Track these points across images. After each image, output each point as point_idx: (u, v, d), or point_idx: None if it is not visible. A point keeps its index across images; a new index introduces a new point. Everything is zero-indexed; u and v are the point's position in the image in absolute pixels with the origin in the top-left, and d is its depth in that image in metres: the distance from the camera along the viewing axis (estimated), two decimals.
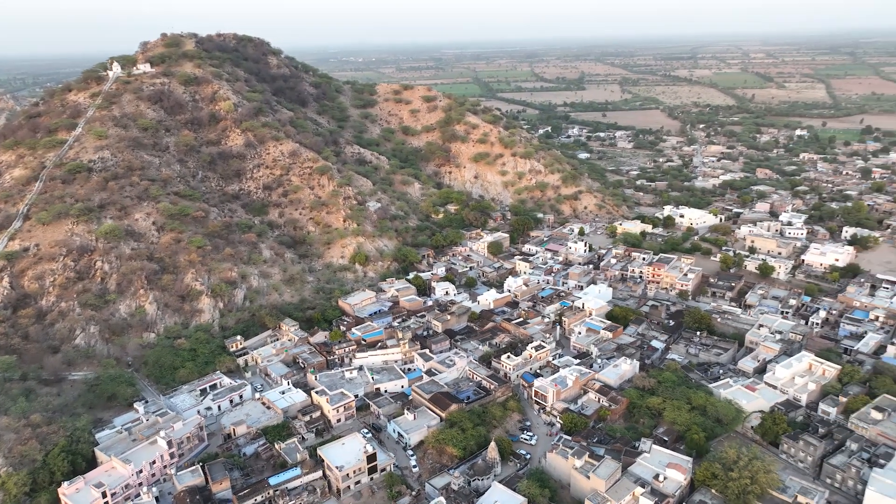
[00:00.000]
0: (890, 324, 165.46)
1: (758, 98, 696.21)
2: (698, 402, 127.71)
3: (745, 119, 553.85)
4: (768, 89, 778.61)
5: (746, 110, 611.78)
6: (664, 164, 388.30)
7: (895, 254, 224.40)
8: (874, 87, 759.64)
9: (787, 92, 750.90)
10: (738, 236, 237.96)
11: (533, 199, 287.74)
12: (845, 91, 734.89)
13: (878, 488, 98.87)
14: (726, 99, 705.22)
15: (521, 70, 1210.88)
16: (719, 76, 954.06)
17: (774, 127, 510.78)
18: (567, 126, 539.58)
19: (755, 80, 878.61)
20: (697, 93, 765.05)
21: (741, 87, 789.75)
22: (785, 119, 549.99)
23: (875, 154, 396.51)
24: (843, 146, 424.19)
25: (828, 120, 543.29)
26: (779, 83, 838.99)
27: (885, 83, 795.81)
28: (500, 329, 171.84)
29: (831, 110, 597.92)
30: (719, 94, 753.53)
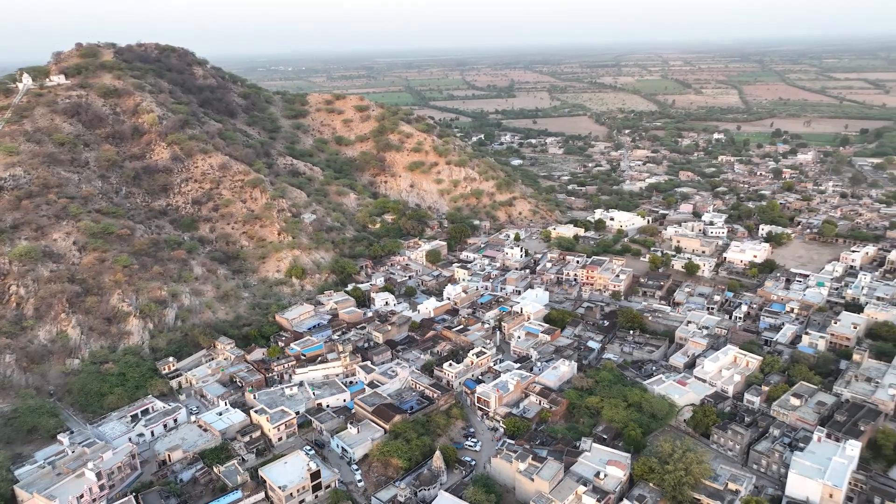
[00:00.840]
0: (803, 315, 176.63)
1: (678, 104, 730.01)
2: (634, 399, 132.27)
3: (668, 124, 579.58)
4: (687, 95, 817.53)
5: (668, 115, 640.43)
6: (593, 168, 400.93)
7: (806, 249, 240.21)
8: (780, 92, 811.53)
9: (704, 97, 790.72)
10: (665, 237, 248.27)
11: (469, 206, 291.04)
12: (756, 96, 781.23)
13: (799, 470, 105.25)
14: (649, 105, 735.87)
15: (453, 78, 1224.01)
16: (642, 83, 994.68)
17: (694, 131, 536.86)
18: (499, 133, 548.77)
19: (675, 87, 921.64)
20: (622, 99, 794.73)
21: (662, 94, 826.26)
22: (703, 123, 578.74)
23: (784, 155, 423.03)
24: (756, 148, 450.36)
25: (742, 124, 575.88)
26: (696, 89, 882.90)
27: (790, 89, 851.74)
28: (442, 337, 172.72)
29: (745, 115, 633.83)
30: (642, 100, 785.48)
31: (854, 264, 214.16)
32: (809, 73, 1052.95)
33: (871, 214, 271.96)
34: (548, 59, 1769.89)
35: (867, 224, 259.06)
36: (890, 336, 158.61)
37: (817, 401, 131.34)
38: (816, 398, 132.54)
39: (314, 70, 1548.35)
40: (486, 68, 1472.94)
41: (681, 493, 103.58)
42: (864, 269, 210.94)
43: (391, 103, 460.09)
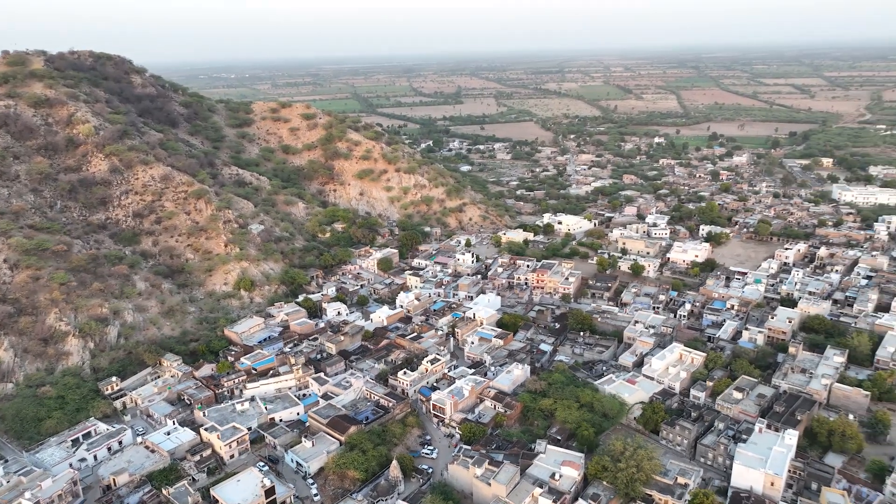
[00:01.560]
0: (743, 311, 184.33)
1: (620, 109, 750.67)
2: (586, 400, 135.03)
3: (611, 129, 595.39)
4: (628, 101, 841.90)
5: (611, 120, 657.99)
6: (541, 173, 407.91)
7: (743, 247, 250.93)
8: (716, 97, 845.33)
9: (644, 103, 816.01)
10: (611, 239, 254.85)
11: (419, 213, 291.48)
12: (693, 101, 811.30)
13: (743, 461, 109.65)
14: (592, 110, 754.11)
15: (400, 85, 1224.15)
16: (585, 89, 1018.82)
17: (636, 135, 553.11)
18: (448, 140, 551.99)
19: (617, 93, 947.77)
20: (567, 105, 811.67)
21: (605, 99, 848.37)
22: (644, 128, 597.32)
23: (721, 158, 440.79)
24: (694, 151, 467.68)
25: (681, 128, 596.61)
26: (637, 95, 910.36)
27: (724, 94, 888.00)
28: (395, 345, 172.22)
29: (683, 119, 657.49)
30: (586, 105, 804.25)
31: (788, 261, 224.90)
32: (742, 79, 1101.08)
33: (801, 213, 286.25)
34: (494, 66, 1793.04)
35: (798, 222, 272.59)
36: (821, 329, 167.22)
37: (758, 393, 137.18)
38: (757, 391, 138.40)
39: (258, 77, 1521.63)
40: (433, 75, 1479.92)
41: (633, 490, 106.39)
42: (797, 265, 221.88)
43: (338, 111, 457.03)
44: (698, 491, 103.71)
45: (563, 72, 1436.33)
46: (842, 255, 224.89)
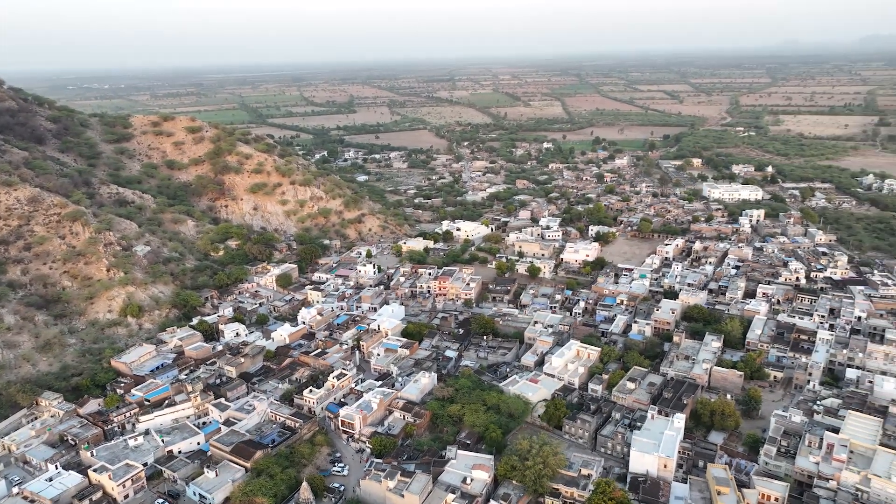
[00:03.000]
0: (631, 305, 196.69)
1: (510, 116, 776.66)
2: (492, 402, 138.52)
3: (502, 135, 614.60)
4: (517, 107, 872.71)
5: (502, 127, 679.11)
6: (437, 181, 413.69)
7: (629, 245, 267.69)
8: (597, 103, 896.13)
9: (532, 109, 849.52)
10: (508, 243, 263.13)
11: (317, 226, 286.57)
12: (576, 107, 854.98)
13: (638, 447, 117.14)
14: (484, 117, 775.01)
15: (290, 94, 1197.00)
16: (475, 96, 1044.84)
17: (526, 141, 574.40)
18: (343, 149, 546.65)
19: (506, 100, 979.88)
20: (459, 112, 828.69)
21: (495, 106, 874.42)
22: (534, 134, 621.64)
23: (605, 161, 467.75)
24: (580, 155, 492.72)
25: (567, 133, 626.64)
26: (525, 102, 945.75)
27: (604, 100, 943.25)
28: (299, 363, 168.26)
29: (568, 124, 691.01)
30: (477, 112, 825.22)
31: (668, 256, 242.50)
32: (619, 86, 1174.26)
33: (677, 211, 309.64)
34: (385, 74, 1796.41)
35: (675, 219, 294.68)
36: (700, 317, 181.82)
37: (648, 382, 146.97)
38: (648, 379, 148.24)
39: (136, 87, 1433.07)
40: (324, 84, 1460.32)
41: (541, 486, 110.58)
42: (676, 259, 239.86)
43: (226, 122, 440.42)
44: (600, 480, 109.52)
45: (453, 80, 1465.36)
46: (714, 248, 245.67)
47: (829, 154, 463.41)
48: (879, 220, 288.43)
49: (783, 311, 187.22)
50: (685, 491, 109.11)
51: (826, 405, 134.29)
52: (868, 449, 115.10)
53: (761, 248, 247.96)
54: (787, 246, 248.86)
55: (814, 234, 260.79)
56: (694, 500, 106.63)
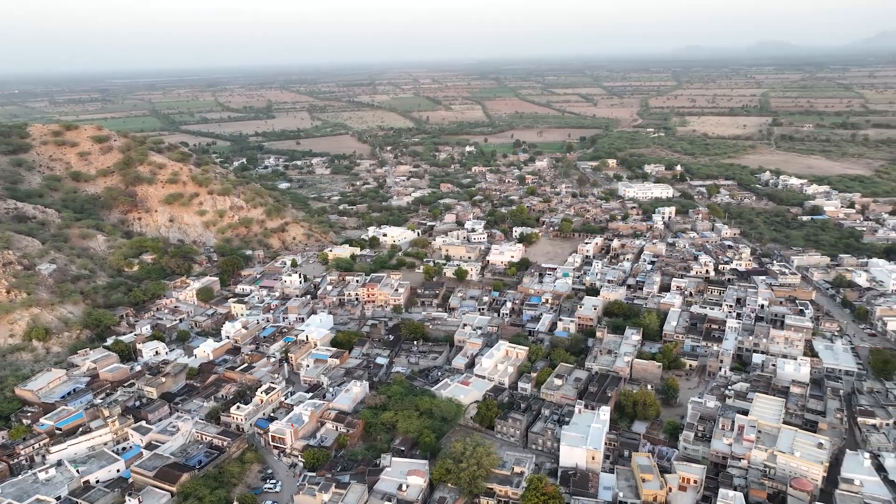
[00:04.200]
0: (556, 304, 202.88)
1: (431, 120, 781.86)
2: (425, 407, 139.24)
3: (425, 139, 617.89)
4: (438, 111, 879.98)
5: (424, 131, 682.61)
6: (362, 186, 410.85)
7: (551, 245, 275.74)
8: (516, 106, 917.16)
9: (453, 113, 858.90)
10: (435, 247, 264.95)
11: (239, 236, 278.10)
12: (496, 111, 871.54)
13: (567, 442, 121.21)
14: (406, 121, 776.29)
15: (205, 100, 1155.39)
16: (397, 101, 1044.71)
17: (448, 145, 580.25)
18: (263, 156, 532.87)
19: (427, 104, 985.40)
20: (381, 117, 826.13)
21: (417, 111, 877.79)
22: (456, 137, 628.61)
23: (525, 163, 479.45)
24: (502, 158, 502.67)
25: (488, 136, 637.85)
26: (446, 106, 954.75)
27: (523, 103, 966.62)
28: (225, 380, 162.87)
29: (489, 128, 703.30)
30: (399, 117, 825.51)
31: (588, 254, 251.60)
32: (536, 89, 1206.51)
33: (595, 210, 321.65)
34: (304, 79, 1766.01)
35: (594, 218, 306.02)
36: (620, 312, 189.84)
37: (575, 377, 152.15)
38: (574, 375, 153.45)
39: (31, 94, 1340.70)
40: (240, 88, 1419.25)
41: (476, 487, 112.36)
42: (596, 257, 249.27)
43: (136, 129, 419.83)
44: (533, 476, 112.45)
45: (374, 84, 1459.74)
46: (630, 245, 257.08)
47: (731, 152, 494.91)
48: (776, 214, 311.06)
49: (695, 302, 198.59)
50: (612, 481, 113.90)
51: (736, 390, 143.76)
52: (773, 428, 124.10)
53: (674, 243, 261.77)
54: (696, 241, 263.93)
55: (720, 229, 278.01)
56: (621, 488, 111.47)
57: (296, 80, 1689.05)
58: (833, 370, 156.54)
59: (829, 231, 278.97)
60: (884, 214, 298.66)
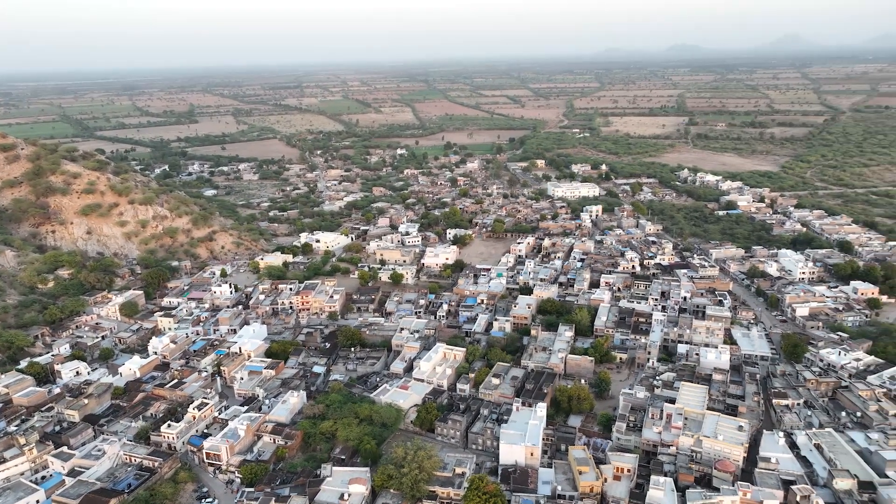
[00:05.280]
0: (491, 304, 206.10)
1: (361, 122, 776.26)
2: (364, 414, 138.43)
3: (355, 142, 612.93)
4: (368, 114, 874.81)
5: (354, 134, 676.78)
6: (292, 192, 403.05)
7: (485, 246, 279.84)
8: (445, 108, 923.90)
9: (383, 116, 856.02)
10: (369, 252, 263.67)
11: (164, 247, 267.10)
12: (426, 113, 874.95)
13: (506, 440, 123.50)
14: (335, 125, 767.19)
15: (121, 104, 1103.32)
16: (325, 104, 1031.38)
17: (380, 148, 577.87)
18: (186, 163, 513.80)
19: (357, 107, 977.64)
20: (309, 120, 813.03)
21: (346, 114, 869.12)
22: (387, 140, 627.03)
23: (457, 165, 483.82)
24: (433, 160, 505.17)
25: (419, 139, 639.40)
26: (376, 108, 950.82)
27: (452, 105, 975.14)
28: (154, 397, 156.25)
29: (420, 130, 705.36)
30: (328, 120, 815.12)
31: (521, 254, 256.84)
32: (465, 91, 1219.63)
33: (526, 210, 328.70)
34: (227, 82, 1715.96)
35: (525, 218, 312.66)
36: (553, 309, 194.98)
37: (512, 376, 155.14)
38: (511, 374, 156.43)
39: None
40: (160, 92, 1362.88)
41: (419, 491, 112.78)
42: (528, 256, 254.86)
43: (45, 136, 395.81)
44: (474, 476, 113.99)
45: (301, 87, 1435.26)
46: (561, 244, 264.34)
47: (652, 151, 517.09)
48: (695, 210, 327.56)
49: (623, 297, 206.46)
50: (551, 475, 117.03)
51: (663, 379, 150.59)
52: (698, 414, 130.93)
53: (601, 240, 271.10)
54: (622, 237, 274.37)
55: (644, 226, 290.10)
56: (559, 482, 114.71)
57: (219, 83, 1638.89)
58: (750, 356, 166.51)
59: (742, 224, 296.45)
60: (790, 208, 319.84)
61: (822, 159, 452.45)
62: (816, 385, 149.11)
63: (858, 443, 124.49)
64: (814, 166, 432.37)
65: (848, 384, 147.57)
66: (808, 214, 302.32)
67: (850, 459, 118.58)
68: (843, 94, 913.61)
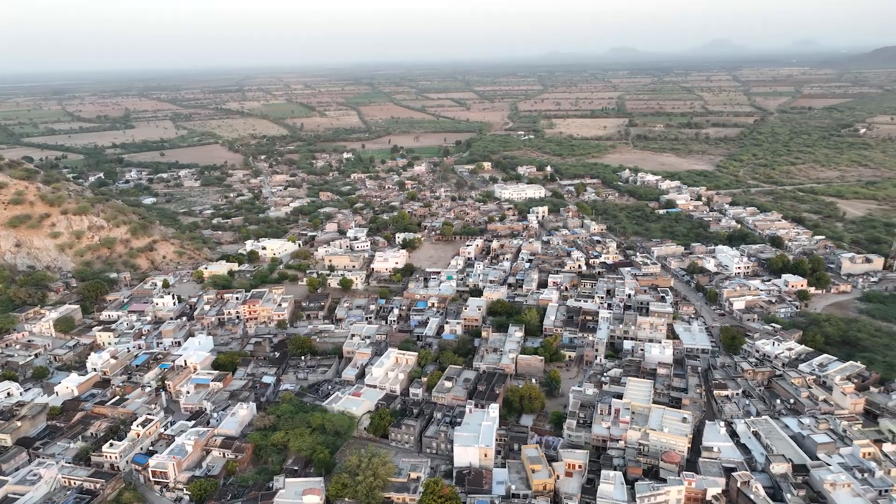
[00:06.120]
0: (442, 307, 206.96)
1: (306, 126, 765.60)
2: (317, 423, 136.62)
3: (301, 147, 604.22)
4: (313, 118, 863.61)
5: (299, 139, 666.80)
6: (236, 198, 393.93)
7: (434, 249, 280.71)
8: (391, 111, 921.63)
9: (329, 119, 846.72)
10: (318, 258, 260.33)
11: (101, 258, 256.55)
12: (372, 116, 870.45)
13: (460, 442, 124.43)
14: (280, 129, 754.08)
15: (50, 109, 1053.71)
16: (269, 107, 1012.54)
17: (326, 152, 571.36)
18: (123, 170, 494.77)
19: (301, 110, 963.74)
20: (252, 125, 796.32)
21: (290, 117, 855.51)
22: (333, 144, 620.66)
23: (404, 168, 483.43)
24: (380, 164, 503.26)
25: (365, 142, 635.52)
26: (321, 112, 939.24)
27: (398, 108, 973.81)
28: (94, 416, 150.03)
29: (366, 134, 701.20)
30: (272, 124, 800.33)
31: (470, 256, 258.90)
32: (411, 94, 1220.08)
33: (474, 212, 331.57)
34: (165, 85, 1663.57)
35: (473, 221, 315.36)
36: (503, 310, 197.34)
37: (464, 378, 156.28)
38: (463, 376, 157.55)
39: None
40: (92, 96, 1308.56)
41: (374, 498, 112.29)
42: (478, 258, 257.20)
43: None
44: (429, 480, 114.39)
45: (243, 90, 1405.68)
46: (509, 245, 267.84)
47: (595, 152, 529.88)
48: (637, 209, 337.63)
49: (570, 296, 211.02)
50: (505, 475, 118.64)
51: (611, 375, 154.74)
52: (645, 408, 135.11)
53: (548, 241, 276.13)
54: (568, 238, 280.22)
55: (589, 225, 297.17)
56: (513, 481, 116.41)
57: (156, 87, 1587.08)
58: (692, 349, 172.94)
59: (681, 222, 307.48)
60: (725, 205, 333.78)
61: (753, 158, 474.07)
62: (753, 375, 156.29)
63: (792, 428, 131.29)
64: (746, 165, 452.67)
65: (781, 373, 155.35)
66: (742, 211, 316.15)
67: (784, 444, 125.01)
68: (770, 96, 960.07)
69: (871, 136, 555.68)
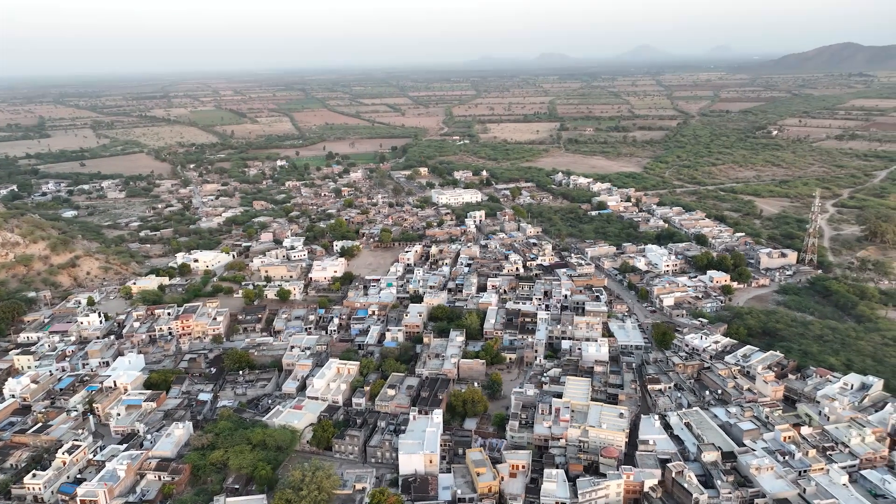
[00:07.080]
0: (382, 315, 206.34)
1: (237, 134, 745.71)
2: (257, 439, 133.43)
3: (232, 155, 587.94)
4: (244, 125, 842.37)
5: (230, 146, 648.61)
6: (164, 209, 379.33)
7: (373, 256, 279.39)
8: (325, 118, 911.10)
9: (261, 126, 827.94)
10: (253, 269, 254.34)
11: (17, 277, 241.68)
12: (306, 123, 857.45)
13: (405, 450, 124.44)
14: (209, 137, 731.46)
15: None
16: (196, 114, 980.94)
17: (258, 160, 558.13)
18: (39, 182, 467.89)
19: (231, 117, 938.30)
20: (179, 132, 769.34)
21: (220, 125, 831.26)
22: (265, 151, 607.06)
23: (340, 175, 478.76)
24: (316, 171, 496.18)
25: (299, 149, 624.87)
26: (252, 118, 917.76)
27: (332, 114, 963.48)
28: (13, 445, 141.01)
29: (300, 140, 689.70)
30: (201, 132, 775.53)
31: (410, 262, 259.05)
32: (345, 100, 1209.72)
33: (412, 218, 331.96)
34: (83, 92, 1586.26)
35: (412, 227, 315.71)
36: (444, 316, 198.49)
37: (407, 385, 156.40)
38: (406, 383, 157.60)
39: None
40: (2, 104, 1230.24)
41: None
42: (417, 264, 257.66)
43: None
44: (374, 491, 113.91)
45: (168, 97, 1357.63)
46: (448, 250, 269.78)
47: (528, 156, 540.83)
48: (570, 211, 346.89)
49: (509, 298, 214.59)
50: (450, 480, 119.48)
51: (550, 375, 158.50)
52: (584, 406, 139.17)
53: (486, 245, 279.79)
54: (505, 241, 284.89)
55: (525, 228, 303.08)
56: (458, 486, 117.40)
57: (73, 94, 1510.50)
58: (626, 346, 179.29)
59: (613, 223, 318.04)
60: (653, 206, 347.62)
61: (677, 160, 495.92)
62: (684, 368, 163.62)
63: (720, 417, 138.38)
64: (671, 166, 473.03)
65: (709, 365, 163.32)
66: (669, 211, 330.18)
67: (714, 433, 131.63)
68: (691, 100, 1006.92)
69: (782, 138, 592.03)
